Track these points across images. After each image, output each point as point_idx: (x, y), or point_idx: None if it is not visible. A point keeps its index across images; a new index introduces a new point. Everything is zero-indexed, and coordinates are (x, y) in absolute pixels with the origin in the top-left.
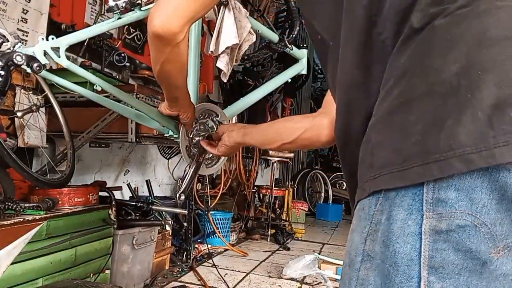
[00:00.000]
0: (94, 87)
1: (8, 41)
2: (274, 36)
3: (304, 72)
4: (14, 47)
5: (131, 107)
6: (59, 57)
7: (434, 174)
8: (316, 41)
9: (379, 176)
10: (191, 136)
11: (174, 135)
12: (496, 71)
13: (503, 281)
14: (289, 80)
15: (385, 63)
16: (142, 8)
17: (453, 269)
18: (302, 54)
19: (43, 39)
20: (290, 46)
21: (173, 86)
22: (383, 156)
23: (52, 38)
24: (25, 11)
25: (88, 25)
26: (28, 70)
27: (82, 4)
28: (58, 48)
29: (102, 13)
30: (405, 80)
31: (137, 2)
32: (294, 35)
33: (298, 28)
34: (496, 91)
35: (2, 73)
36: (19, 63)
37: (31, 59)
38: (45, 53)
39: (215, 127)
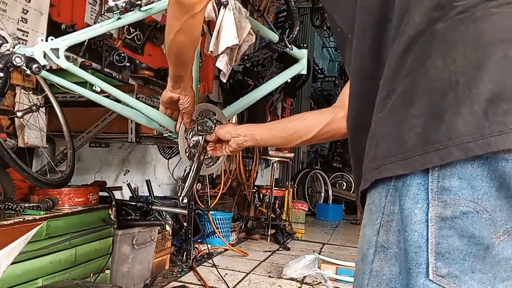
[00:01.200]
0: (93, 87)
1: (7, 42)
2: (274, 36)
3: (304, 72)
4: (14, 48)
5: (131, 107)
6: (59, 58)
7: (434, 162)
8: (336, 34)
9: (381, 166)
10: (190, 137)
11: (173, 136)
12: (490, 69)
13: (504, 266)
14: (289, 80)
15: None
16: (142, 9)
17: (458, 255)
18: (302, 54)
19: (42, 40)
20: (290, 46)
21: (181, 61)
22: (386, 147)
23: (52, 39)
24: (25, 11)
25: (88, 25)
26: (28, 72)
27: (82, 4)
28: (58, 49)
29: (102, 13)
30: (409, 78)
31: (137, 2)
32: (294, 35)
33: (298, 28)
34: (491, 87)
35: (1, 74)
36: (18, 64)
37: (30, 60)
38: (44, 54)
39: (213, 127)
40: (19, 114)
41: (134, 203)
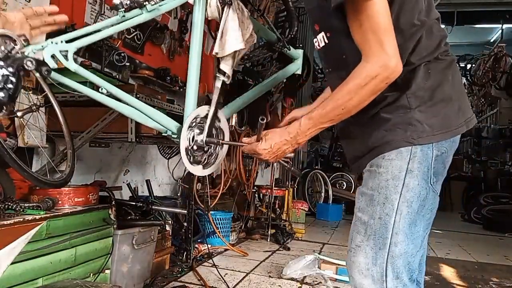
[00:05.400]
0: (100, 89)
1: (16, 44)
2: (272, 36)
3: (299, 72)
4: (23, 50)
5: (136, 109)
6: (67, 60)
7: (447, 138)
8: None
9: (421, 137)
10: (191, 137)
11: (173, 136)
12: (459, 97)
13: (444, 175)
14: (284, 80)
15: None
16: (149, 9)
17: (438, 172)
18: (297, 54)
19: (52, 42)
20: (288, 46)
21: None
22: (420, 127)
23: (62, 42)
24: None
25: (88, 25)
26: (37, 75)
27: (82, 4)
28: (67, 51)
29: (102, 12)
30: (433, 91)
31: (144, 3)
32: (291, 35)
33: (296, 28)
34: (459, 104)
35: (13, 79)
36: (29, 68)
37: (40, 63)
38: (53, 57)
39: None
40: (19, 114)
41: (134, 203)
